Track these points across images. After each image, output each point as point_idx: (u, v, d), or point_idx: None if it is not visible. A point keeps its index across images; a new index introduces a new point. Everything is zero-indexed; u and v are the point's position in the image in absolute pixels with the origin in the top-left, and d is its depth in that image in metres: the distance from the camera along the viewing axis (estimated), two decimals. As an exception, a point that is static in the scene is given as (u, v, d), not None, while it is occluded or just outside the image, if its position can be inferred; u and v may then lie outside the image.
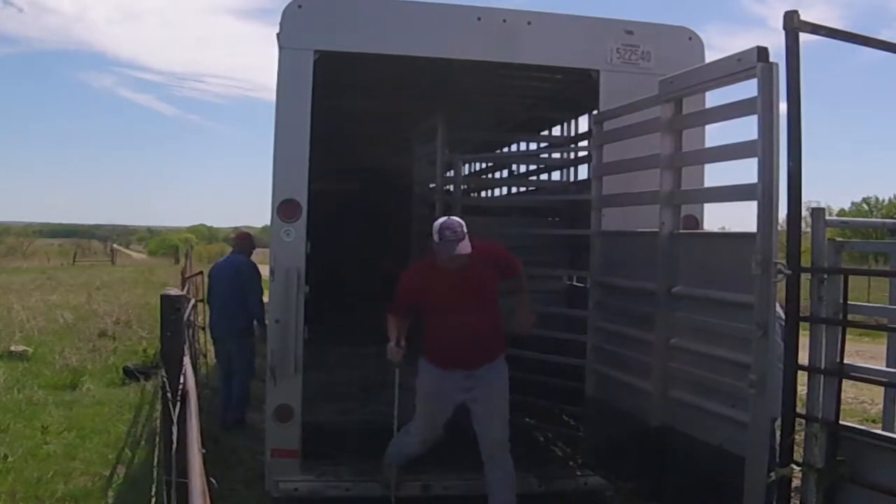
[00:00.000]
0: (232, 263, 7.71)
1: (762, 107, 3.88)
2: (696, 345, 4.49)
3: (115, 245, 59.28)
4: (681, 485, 4.41)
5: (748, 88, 4.20)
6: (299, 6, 5.24)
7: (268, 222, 5.62)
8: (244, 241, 8.02)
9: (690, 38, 5.64)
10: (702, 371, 4.41)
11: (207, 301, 8.12)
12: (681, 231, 4.83)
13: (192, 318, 7.73)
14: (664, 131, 4.79)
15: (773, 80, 3.85)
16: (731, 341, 4.17)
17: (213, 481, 3.26)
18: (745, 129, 4.65)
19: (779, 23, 3.99)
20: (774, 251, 3.81)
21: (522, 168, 8.97)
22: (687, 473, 4.35)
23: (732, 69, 4.17)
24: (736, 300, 4.11)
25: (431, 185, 7.75)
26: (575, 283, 7.43)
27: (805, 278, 3.91)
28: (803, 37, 3.93)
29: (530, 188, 8.87)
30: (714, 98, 4.98)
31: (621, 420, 5.11)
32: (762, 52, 3.90)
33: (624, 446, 5.08)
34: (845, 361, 3.85)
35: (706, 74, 4.55)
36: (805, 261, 3.92)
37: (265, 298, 6.85)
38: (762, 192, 3.87)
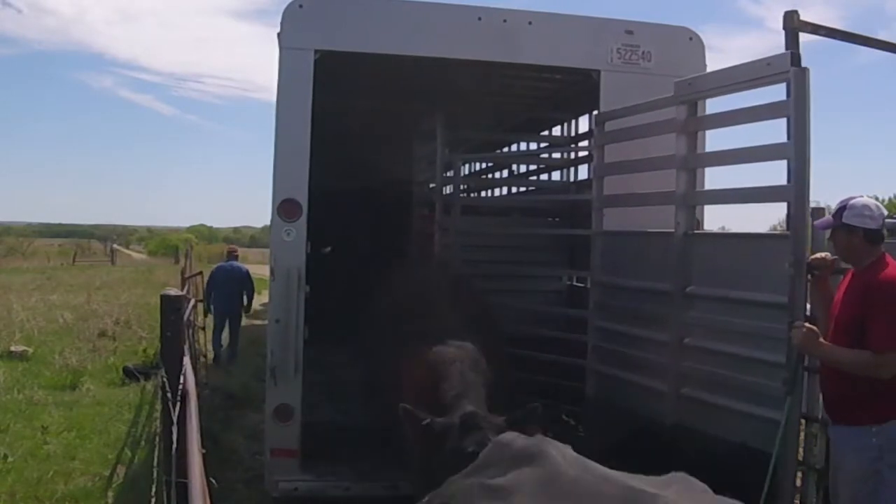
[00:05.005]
0: (236, 268, 11.85)
1: (795, 110, 3.89)
2: (715, 344, 4.49)
3: (115, 245, 59.12)
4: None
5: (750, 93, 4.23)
6: (300, 6, 5.24)
7: (268, 222, 5.62)
8: (234, 251, 12.84)
9: (691, 39, 5.64)
10: (720, 369, 4.42)
11: (209, 290, 11.48)
12: (696, 231, 4.84)
13: (192, 318, 7.75)
14: (680, 132, 4.78)
15: (805, 84, 3.87)
16: (752, 340, 4.18)
17: (213, 481, 3.26)
18: (736, 130, 4.68)
19: (776, 24, 4.01)
20: (807, 252, 3.83)
21: (522, 168, 8.97)
22: (703, 471, 4.34)
23: (762, 73, 4.17)
24: (759, 300, 4.13)
25: (431, 185, 7.76)
26: (575, 283, 7.44)
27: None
28: (802, 37, 3.94)
29: (530, 188, 8.87)
30: (710, 102, 4.98)
31: (626, 419, 5.10)
32: (795, 57, 3.93)
33: (629, 445, 5.06)
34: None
35: (732, 77, 4.52)
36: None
37: (265, 299, 8.31)
38: (795, 195, 3.89)
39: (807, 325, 3.64)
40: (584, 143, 7.45)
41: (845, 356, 3.51)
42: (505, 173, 9.53)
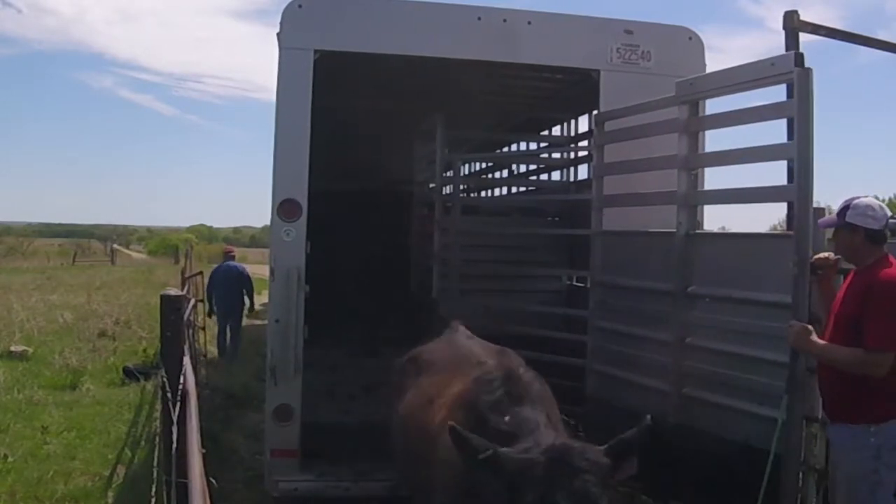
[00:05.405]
0: (232, 267, 12.11)
1: (799, 111, 3.90)
2: (718, 343, 4.50)
3: (115, 245, 59.09)
4: (697, 481, 4.39)
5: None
6: (299, 6, 5.24)
7: (268, 222, 5.62)
8: (230, 252, 13.14)
9: (690, 38, 5.64)
10: (723, 369, 4.43)
11: (209, 292, 11.82)
12: (699, 231, 4.84)
13: (192, 318, 7.75)
14: (682, 132, 4.77)
15: (809, 84, 3.87)
16: (755, 340, 4.19)
17: (213, 481, 3.26)
18: (728, 130, 4.68)
19: (776, 24, 4.02)
20: (811, 252, 3.83)
21: (522, 168, 8.97)
22: (705, 470, 4.35)
23: (765, 73, 4.17)
24: (762, 299, 4.14)
25: (431, 185, 7.76)
26: (575, 283, 7.43)
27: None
28: (802, 37, 3.95)
29: (530, 188, 8.88)
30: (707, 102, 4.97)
31: (627, 419, 5.09)
32: (798, 58, 3.93)
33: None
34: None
35: (735, 77, 4.51)
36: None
37: (265, 299, 8.23)
38: (798, 195, 3.89)
39: (799, 323, 3.65)
40: (584, 143, 7.45)
41: (838, 354, 3.52)
42: (505, 173, 9.54)
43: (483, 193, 10.17)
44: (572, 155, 7.74)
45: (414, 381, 4.20)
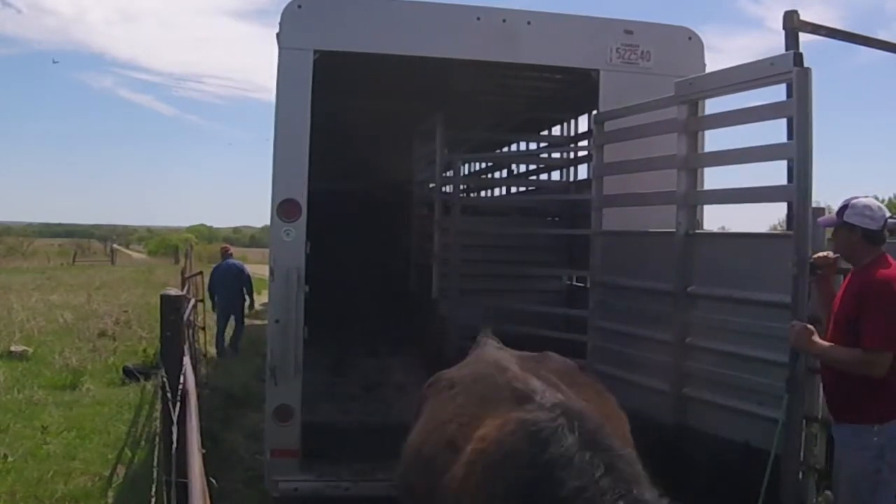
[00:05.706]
0: (232, 265, 12.36)
1: (798, 110, 3.90)
2: (718, 343, 4.50)
3: (114, 245, 59.08)
4: (697, 481, 4.40)
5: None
6: (299, 6, 5.24)
7: (268, 222, 5.62)
8: (227, 250, 13.32)
9: (690, 38, 5.64)
10: (723, 369, 4.43)
11: (211, 290, 12.16)
12: (698, 231, 4.85)
13: (192, 318, 7.75)
14: (681, 132, 4.78)
15: (808, 84, 3.88)
16: (755, 339, 4.20)
17: (213, 481, 3.26)
18: (726, 130, 4.67)
19: (776, 24, 4.02)
20: (810, 251, 3.84)
21: (522, 168, 8.98)
22: (706, 470, 4.34)
23: (765, 73, 4.17)
24: (762, 299, 4.14)
25: (431, 185, 7.76)
26: (575, 283, 7.44)
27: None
28: (802, 37, 3.95)
29: (530, 188, 8.88)
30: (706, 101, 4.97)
31: (627, 419, 5.09)
32: (798, 57, 3.94)
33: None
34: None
35: (734, 77, 4.52)
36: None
37: (265, 299, 8.33)
38: (797, 194, 3.90)
39: (801, 323, 3.66)
40: (584, 143, 7.46)
41: (838, 354, 3.54)
42: (505, 173, 9.54)
43: (483, 193, 10.17)
44: (572, 155, 7.75)
45: (429, 410, 3.50)
